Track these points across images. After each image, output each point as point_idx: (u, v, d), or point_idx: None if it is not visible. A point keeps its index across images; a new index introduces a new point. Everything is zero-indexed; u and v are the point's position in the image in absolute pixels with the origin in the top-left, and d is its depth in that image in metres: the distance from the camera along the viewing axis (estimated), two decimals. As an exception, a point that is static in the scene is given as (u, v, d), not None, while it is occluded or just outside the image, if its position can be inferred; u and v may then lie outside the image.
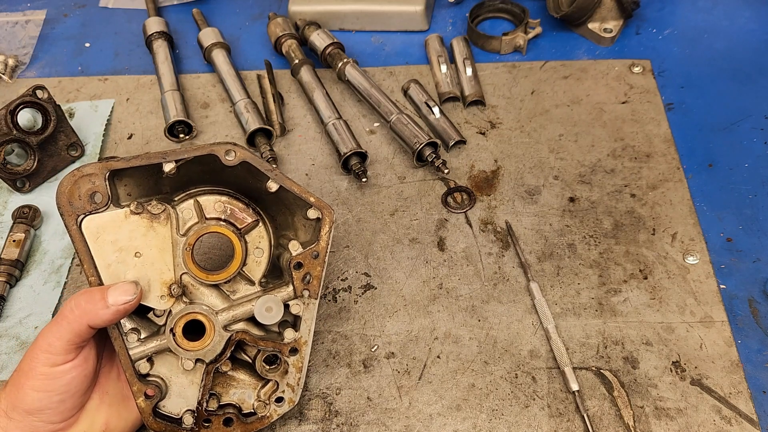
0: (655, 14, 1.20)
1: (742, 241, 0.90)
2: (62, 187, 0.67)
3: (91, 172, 0.68)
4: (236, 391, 0.74)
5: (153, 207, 0.69)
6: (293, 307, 0.72)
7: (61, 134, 1.02)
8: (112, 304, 0.65)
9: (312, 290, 0.72)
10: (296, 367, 0.73)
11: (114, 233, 0.69)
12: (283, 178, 0.71)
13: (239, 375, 0.74)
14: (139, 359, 0.70)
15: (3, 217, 0.99)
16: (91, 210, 0.68)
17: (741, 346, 0.80)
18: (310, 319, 0.73)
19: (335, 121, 1.02)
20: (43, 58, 1.23)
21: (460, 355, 0.82)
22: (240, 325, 0.72)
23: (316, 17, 1.19)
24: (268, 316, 0.70)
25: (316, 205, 0.72)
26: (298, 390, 0.74)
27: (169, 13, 1.29)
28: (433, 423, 0.77)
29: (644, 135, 1.02)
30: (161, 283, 0.70)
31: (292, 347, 0.73)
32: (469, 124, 1.05)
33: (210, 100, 1.12)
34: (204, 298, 0.72)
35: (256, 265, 0.74)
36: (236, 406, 0.74)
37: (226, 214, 0.73)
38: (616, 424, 0.75)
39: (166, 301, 0.70)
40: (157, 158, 0.69)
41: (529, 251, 0.90)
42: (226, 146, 0.69)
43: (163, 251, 0.70)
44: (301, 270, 0.72)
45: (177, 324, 0.69)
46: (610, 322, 0.83)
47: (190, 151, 0.69)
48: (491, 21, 1.22)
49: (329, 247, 0.73)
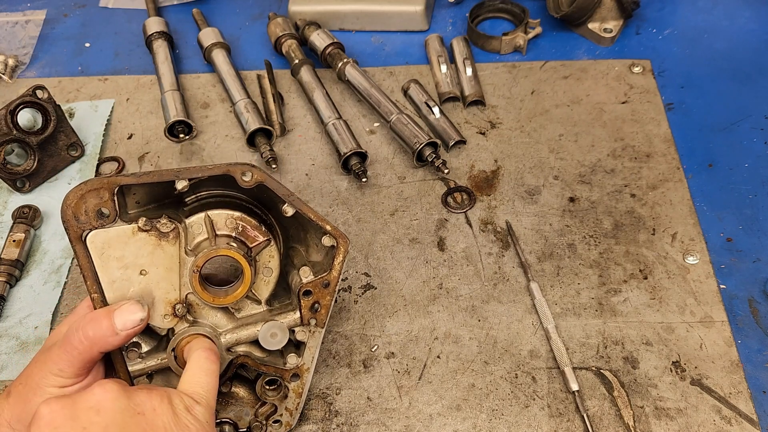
0: (655, 14, 1.20)
1: (742, 241, 0.90)
2: (68, 200, 0.63)
3: (98, 187, 0.64)
4: (234, 408, 0.73)
5: (162, 225, 0.65)
6: (299, 333, 0.71)
7: (61, 134, 1.02)
8: (121, 330, 0.63)
9: (319, 319, 0.70)
10: (296, 393, 0.72)
11: (120, 250, 0.65)
12: (300, 203, 0.68)
13: (238, 391, 0.73)
14: (139, 376, 0.68)
15: (3, 217, 0.99)
16: (97, 225, 0.64)
17: (741, 346, 0.80)
18: (314, 346, 0.71)
19: (335, 121, 1.02)
20: (43, 58, 1.23)
21: (460, 355, 0.82)
22: (243, 347, 0.71)
23: (316, 17, 1.19)
24: (273, 342, 0.68)
25: (332, 234, 0.69)
26: (296, 414, 0.74)
27: (169, 13, 1.29)
28: (433, 423, 0.77)
29: (644, 135, 1.02)
30: (165, 302, 0.67)
31: (294, 373, 0.71)
32: (469, 124, 1.05)
33: (210, 100, 1.12)
34: (208, 317, 0.70)
35: (264, 285, 0.71)
36: (233, 423, 0.72)
37: (238, 231, 0.68)
38: (616, 424, 0.75)
39: (169, 320, 0.68)
40: (170, 176, 0.65)
41: (529, 251, 0.90)
42: (243, 167, 0.66)
43: (170, 270, 0.67)
44: (310, 298, 0.70)
45: (179, 345, 0.67)
46: (610, 322, 0.83)
47: (205, 171, 0.65)
48: (491, 21, 1.22)
49: (341, 276, 0.70)
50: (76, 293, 0.90)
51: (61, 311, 0.89)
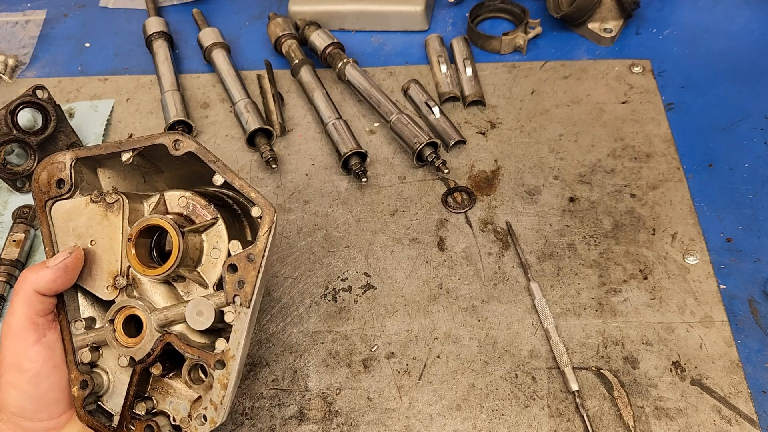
0: (655, 14, 1.20)
1: (742, 241, 0.90)
2: (36, 173, 0.70)
3: (60, 160, 0.70)
4: (173, 400, 0.69)
5: (109, 196, 0.69)
6: (227, 315, 0.65)
7: (61, 134, 1.02)
8: (51, 264, 0.66)
9: (243, 297, 0.64)
10: (221, 383, 0.65)
11: (75, 220, 0.70)
12: (226, 170, 0.66)
13: (177, 384, 0.70)
14: (82, 347, 0.68)
15: (3, 217, 0.99)
16: (57, 196, 0.70)
17: (741, 346, 0.80)
18: (240, 330, 0.64)
19: (335, 121, 1.02)
20: (43, 58, 1.23)
21: (460, 355, 0.82)
22: (178, 327, 0.67)
23: (316, 17, 1.19)
24: (199, 320, 0.64)
25: (257, 202, 0.65)
26: (221, 410, 0.65)
27: (169, 13, 1.29)
28: (433, 423, 0.77)
29: (644, 135, 1.02)
30: (108, 273, 0.68)
31: (219, 359, 0.65)
32: (469, 124, 1.05)
33: (210, 100, 1.12)
34: (151, 295, 0.69)
35: (212, 267, 0.68)
36: (169, 415, 0.69)
37: (188, 210, 0.69)
38: (616, 424, 0.75)
39: (110, 291, 0.68)
40: (113, 147, 0.70)
41: (529, 251, 0.90)
42: (174, 136, 0.67)
43: (113, 241, 0.68)
44: (235, 274, 0.65)
45: (117, 317, 0.67)
46: (610, 322, 0.83)
47: (142, 141, 0.69)
48: (491, 21, 1.22)
49: (267, 250, 0.64)
50: (76, 293, 0.90)
51: (61, 311, 0.89)
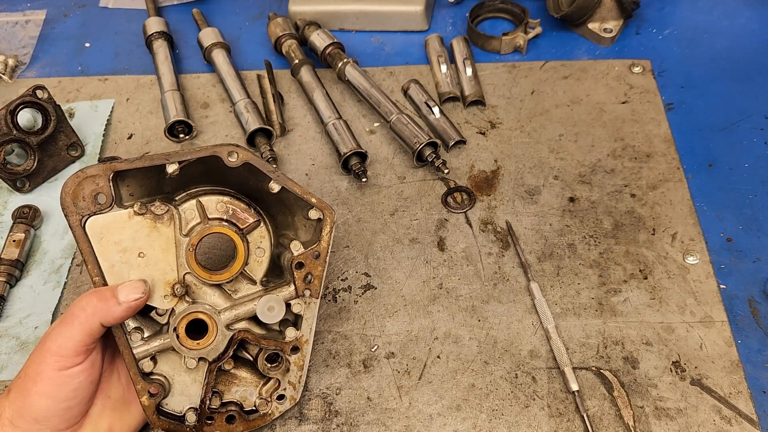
0: (655, 14, 1.20)
1: (742, 241, 0.90)
2: (66, 188, 0.68)
3: (94, 174, 0.68)
4: (238, 389, 0.75)
5: (156, 208, 0.70)
6: (294, 306, 0.73)
7: (61, 134, 1.02)
8: (123, 301, 0.66)
9: (313, 290, 0.73)
10: (297, 365, 0.75)
11: (118, 234, 0.69)
12: (284, 179, 0.72)
13: (241, 373, 0.75)
14: (143, 358, 0.70)
15: (3, 217, 0.99)
16: (95, 211, 0.69)
17: (741, 346, 0.80)
18: (311, 317, 0.74)
19: (335, 121, 1.02)
20: (43, 58, 1.23)
21: (460, 355, 0.82)
22: (242, 324, 0.73)
23: (316, 17, 1.19)
24: (270, 315, 0.71)
25: (318, 206, 0.73)
26: (299, 388, 0.75)
27: (169, 13, 1.29)
28: (433, 423, 0.77)
29: (644, 135, 1.02)
30: (164, 283, 0.71)
31: (294, 345, 0.74)
32: (469, 124, 1.05)
33: (210, 100, 1.12)
34: (206, 298, 0.73)
35: (258, 265, 0.75)
36: (238, 403, 0.74)
37: (228, 214, 0.73)
38: (616, 424, 0.75)
39: (169, 300, 0.71)
40: (161, 160, 0.69)
41: (529, 251, 0.90)
42: (228, 148, 0.70)
43: (167, 251, 0.70)
44: (302, 270, 0.73)
45: (180, 323, 0.69)
46: (610, 322, 0.83)
47: (193, 153, 0.70)
48: (491, 21, 1.22)
49: (330, 247, 0.74)
50: (76, 293, 0.90)
51: (61, 311, 0.89)
